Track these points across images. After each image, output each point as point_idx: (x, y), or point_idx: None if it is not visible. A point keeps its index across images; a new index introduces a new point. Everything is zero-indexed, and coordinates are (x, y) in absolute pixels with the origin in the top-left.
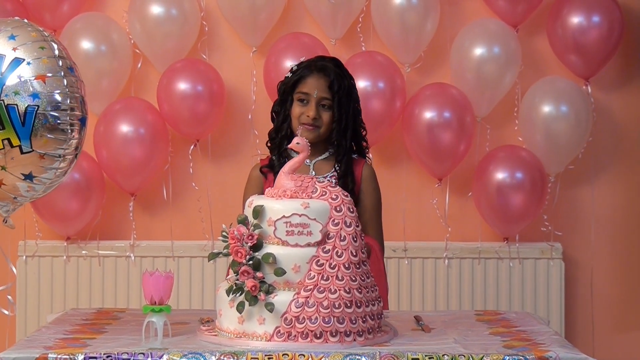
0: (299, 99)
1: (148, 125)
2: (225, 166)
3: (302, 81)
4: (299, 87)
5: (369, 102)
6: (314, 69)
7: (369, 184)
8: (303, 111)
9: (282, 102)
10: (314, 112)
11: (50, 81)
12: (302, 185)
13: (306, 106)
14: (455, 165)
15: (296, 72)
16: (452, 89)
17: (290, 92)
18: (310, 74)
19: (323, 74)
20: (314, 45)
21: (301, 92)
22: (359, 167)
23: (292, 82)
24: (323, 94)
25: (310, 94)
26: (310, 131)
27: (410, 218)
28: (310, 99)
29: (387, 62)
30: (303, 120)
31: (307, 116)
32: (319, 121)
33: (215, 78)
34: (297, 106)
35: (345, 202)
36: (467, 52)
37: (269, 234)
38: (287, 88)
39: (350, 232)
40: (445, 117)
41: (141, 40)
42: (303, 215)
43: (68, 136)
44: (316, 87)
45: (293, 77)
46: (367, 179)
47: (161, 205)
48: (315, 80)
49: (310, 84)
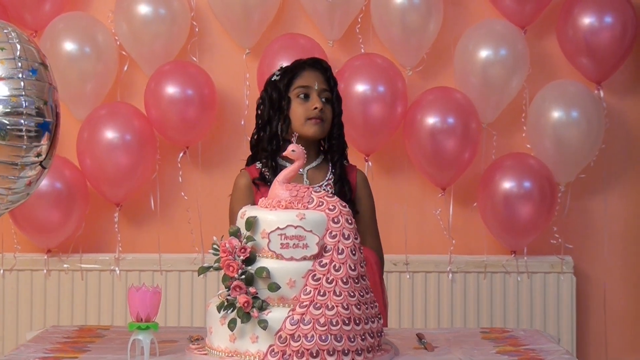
0: (298, 95)
1: (135, 132)
2: (216, 175)
3: (298, 76)
4: (296, 82)
5: (369, 107)
6: (307, 64)
7: (364, 190)
8: (307, 106)
9: (277, 106)
10: (320, 103)
11: (7, 84)
12: (297, 195)
13: (308, 101)
14: (460, 174)
15: (286, 71)
16: (456, 93)
17: (286, 91)
18: (304, 68)
19: (317, 68)
20: (310, 46)
21: (300, 86)
22: (353, 173)
23: (287, 79)
24: (323, 86)
25: (310, 86)
26: (319, 125)
27: (412, 230)
28: (311, 92)
29: (388, 64)
30: (310, 115)
31: (314, 109)
32: (324, 114)
33: (206, 81)
34: (298, 104)
35: (344, 213)
36: (472, 55)
37: (262, 247)
38: (282, 87)
39: (348, 245)
40: (449, 123)
41: (127, 41)
42: (298, 227)
43: (26, 143)
44: (315, 79)
45: (286, 76)
46: (362, 185)
47: (148, 216)
48: (313, 73)
49: (309, 77)
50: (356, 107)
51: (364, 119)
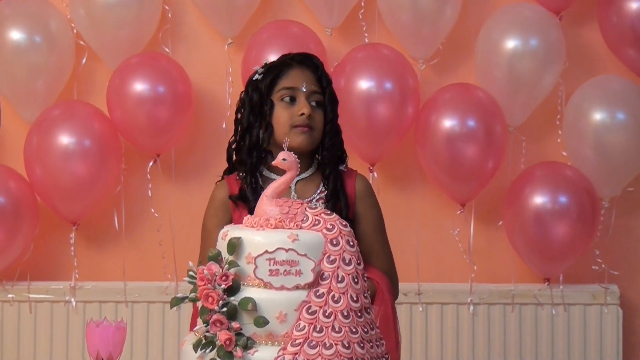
0: (282, 97)
1: (95, 136)
2: (192, 188)
3: (283, 76)
4: (280, 82)
5: (374, 108)
6: (295, 61)
7: (366, 200)
8: (292, 111)
9: (258, 110)
10: (309, 108)
11: None
12: (289, 212)
13: (294, 105)
14: (482, 187)
15: (269, 70)
16: (478, 91)
17: (268, 94)
18: (291, 66)
19: (307, 66)
20: (304, 35)
21: (285, 87)
22: (351, 180)
23: (269, 79)
24: (313, 86)
25: (297, 87)
26: (306, 134)
27: (425, 253)
28: (298, 95)
29: (396, 57)
30: (296, 122)
31: (300, 114)
32: (313, 121)
33: (181, 77)
34: (281, 108)
35: (344, 233)
36: (497, 45)
37: (247, 274)
38: (264, 89)
39: (349, 272)
40: (469, 127)
41: (86, 29)
42: (290, 250)
43: None
44: (303, 79)
45: (269, 75)
46: (364, 194)
47: (111, 236)
48: (301, 72)
49: (296, 76)
50: (359, 108)
51: (368, 121)
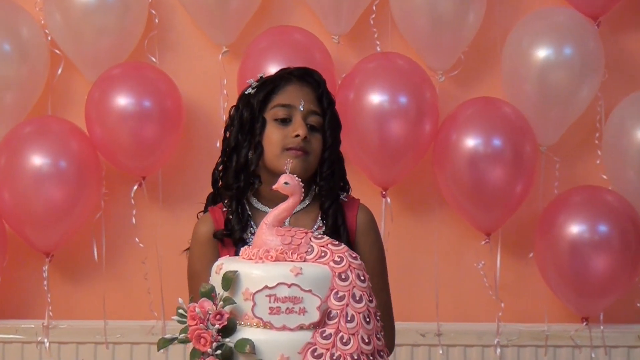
0: (276, 116)
1: (72, 157)
2: (182, 215)
3: (278, 91)
4: (275, 99)
5: (387, 125)
6: (294, 76)
7: (367, 236)
8: (286, 132)
9: (248, 128)
10: (305, 129)
11: None
12: (291, 243)
13: (288, 125)
14: (510, 214)
15: (264, 84)
16: (505, 106)
17: (261, 110)
18: (288, 81)
19: (307, 82)
20: (308, 43)
21: (280, 104)
22: (352, 211)
23: (263, 94)
24: (312, 106)
25: (293, 105)
26: (300, 159)
27: (445, 289)
28: (294, 114)
29: (413, 68)
30: (289, 144)
31: (295, 136)
32: (309, 145)
33: (169, 90)
34: (274, 128)
35: (354, 266)
36: (526, 55)
37: (245, 312)
38: (256, 105)
39: (360, 310)
40: (494, 146)
41: (62, 36)
42: (294, 285)
43: None
44: (301, 97)
45: (262, 89)
46: (365, 229)
47: (90, 269)
48: (299, 88)
49: (293, 93)
50: (370, 125)
51: (380, 140)
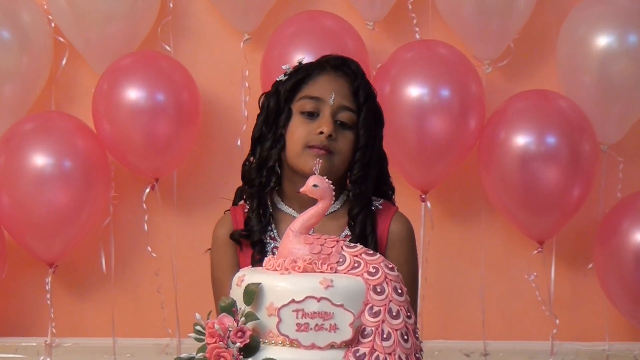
0: (302, 109)
1: (77, 156)
2: (199, 221)
3: (308, 81)
4: (304, 89)
5: (427, 121)
6: (329, 65)
7: (400, 249)
8: (311, 127)
9: (273, 119)
10: (331, 126)
11: None
12: (321, 252)
13: (315, 120)
14: (566, 220)
15: (297, 71)
16: (561, 100)
17: (288, 101)
18: (322, 70)
19: (343, 73)
20: (339, 30)
21: (308, 96)
22: (385, 220)
23: (291, 83)
24: (344, 100)
25: (323, 99)
26: (322, 158)
27: (493, 304)
28: (322, 108)
29: (456, 57)
30: (312, 141)
31: (318, 133)
32: (335, 144)
33: (185, 82)
34: (299, 121)
35: (390, 278)
36: (585, 42)
37: (269, 329)
38: (283, 93)
39: (397, 327)
40: (548, 145)
41: (67, 23)
42: (323, 299)
43: None
44: (333, 89)
45: (292, 77)
46: (400, 240)
47: (98, 281)
48: (332, 79)
49: (324, 84)
50: (408, 122)
51: (419, 138)
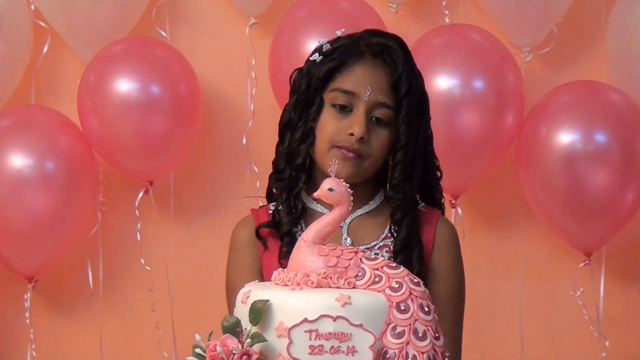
0: (334, 102)
1: (61, 157)
2: (198, 229)
3: (343, 70)
4: (337, 79)
5: (457, 116)
6: (368, 50)
7: (448, 252)
8: (343, 125)
9: (304, 106)
10: (363, 128)
11: None
12: (337, 265)
13: (348, 116)
14: (617, 229)
15: (332, 54)
16: (611, 92)
17: (319, 90)
18: (360, 58)
19: (382, 60)
20: (358, 13)
21: (341, 89)
22: (430, 224)
23: (324, 71)
24: (380, 96)
25: (357, 93)
26: (349, 162)
27: (532, 322)
28: (356, 104)
29: (491, 44)
30: (340, 141)
31: (349, 134)
32: (367, 146)
33: (183, 72)
34: (330, 116)
35: (416, 295)
36: (639, 28)
37: (278, 352)
38: (315, 81)
39: (424, 349)
40: (597, 143)
41: (49, 5)
42: (340, 318)
43: None
44: (369, 83)
45: (327, 63)
46: (446, 245)
47: (84, 298)
48: (369, 70)
49: (360, 77)
50: (436, 116)
51: (448, 135)
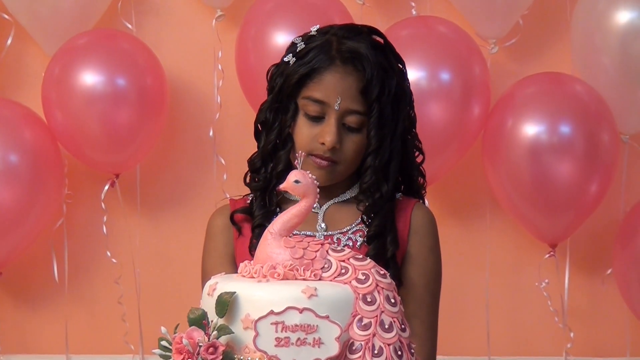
0: (306, 110)
1: (25, 150)
2: (165, 222)
3: (314, 77)
4: (308, 87)
5: (424, 107)
6: (338, 56)
7: (425, 236)
8: (314, 133)
9: (279, 109)
10: (334, 137)
11: None
12: (304, 257)
13: (320, 123)
14: (582, 220)
15: (305, 58)
16: (576, 83)
17: (293, 95)
18: (330, 64)
19: (353, 66)
20: (325, 6)
21: (312, 98)
22: (406, 211)
23: (296, 77)
24: (351, 103)
25: (328, 103)
26: (323, 169)
27: (499, 315)
28: (328, 112)
29: (457, 36)
30: (314, 149)
31: (320, 144)
32: (340, 153)
33: (149, 65)
34: (303, 123)
35: (382, 286)
36: (604, 19)
37: (245, 344)
38: (287, 87)
39: (391, 341)
40: (562, 135)
41: None
42: (306, 310)
43: None
44: (339, 92)
45: (299, 69)
46: (422, 230)
47: (49, 291)
48: (340, 79)
49: (330, 85)
50: None
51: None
